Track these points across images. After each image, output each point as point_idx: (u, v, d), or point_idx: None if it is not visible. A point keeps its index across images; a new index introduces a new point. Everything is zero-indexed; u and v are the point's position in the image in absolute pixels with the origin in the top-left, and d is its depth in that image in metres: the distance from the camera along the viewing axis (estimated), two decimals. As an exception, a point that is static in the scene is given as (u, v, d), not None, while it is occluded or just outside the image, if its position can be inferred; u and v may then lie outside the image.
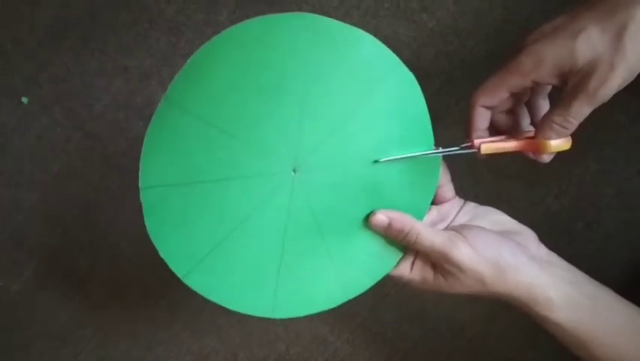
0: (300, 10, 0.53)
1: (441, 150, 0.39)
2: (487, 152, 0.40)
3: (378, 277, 0.41)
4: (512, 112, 0.42)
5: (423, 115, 0.40)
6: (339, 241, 0.40)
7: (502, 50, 0.40)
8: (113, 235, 0.57)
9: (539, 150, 0.39)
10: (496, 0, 0.53)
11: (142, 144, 0.55)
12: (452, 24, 0.53)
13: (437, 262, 0.39)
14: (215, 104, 0.37)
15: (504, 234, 0.40)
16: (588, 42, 0.35)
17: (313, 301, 0.40)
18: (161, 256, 0.38)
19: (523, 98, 0.42)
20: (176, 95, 0.37)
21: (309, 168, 0.39)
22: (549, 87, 0.42)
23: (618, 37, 0.34)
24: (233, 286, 0.39)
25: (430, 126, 0.40)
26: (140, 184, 0.37)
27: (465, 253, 0.38)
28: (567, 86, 0.36)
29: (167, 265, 0.38)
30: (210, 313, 0.57)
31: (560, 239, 0.42)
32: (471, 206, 0.43)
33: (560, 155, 0.40)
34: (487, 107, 0.40)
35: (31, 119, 0.56)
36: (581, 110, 0.36)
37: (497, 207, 0.42)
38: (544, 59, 0.36)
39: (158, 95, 0.56)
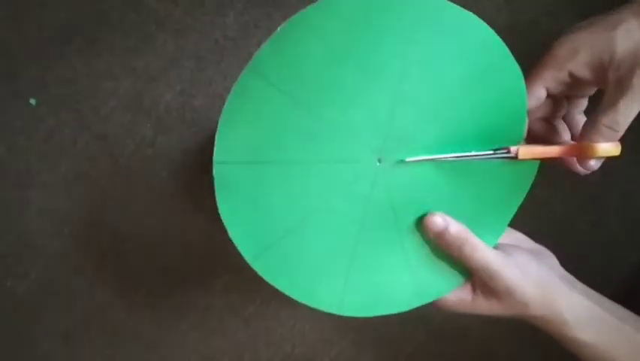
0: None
1: (474, 153, 0.36)
2: (526, 157, 0.35)
3: (458, 282, 0.37)
4: (550, 125, 0.40)
5: (522, 114, 0.36)
6: (418, 240, 0.37)
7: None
8: (119, 236, 0.57)
9: (585, 155, 0.35)
10: (502, 4, 0.54)
11: (147, 145, 0.56)
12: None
13: (485, 281, 0.36)
14: (304, 79, 0.33)
15: (533, 253, 0.39)
16: (628, 33, 0.33)
17: (384, 301, 0.37)
18: (230, 236, 0.35)
19: (561, 110, 0.40)
20: (262, 65, 0.33)
21: (395, 159, 0.35)
22: (585, 101, 0.40)
23: None
24: (301, 276, 0.36)
25: (524, 126, 0.36)
26: (214, 158, 0.34)
27: (514, 275, 0.35)
28: (609, 84, 0.34)
29: (236, 247, 0.35)
30: (217, 313, 0.57)
31: (564, 240, 0.43)
32: None
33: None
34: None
35: (38, 120, 0.56)
36: (628, 110, 0.33)
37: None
38: (581, 47, 0.34)
39: (165, 97, 0.56)
